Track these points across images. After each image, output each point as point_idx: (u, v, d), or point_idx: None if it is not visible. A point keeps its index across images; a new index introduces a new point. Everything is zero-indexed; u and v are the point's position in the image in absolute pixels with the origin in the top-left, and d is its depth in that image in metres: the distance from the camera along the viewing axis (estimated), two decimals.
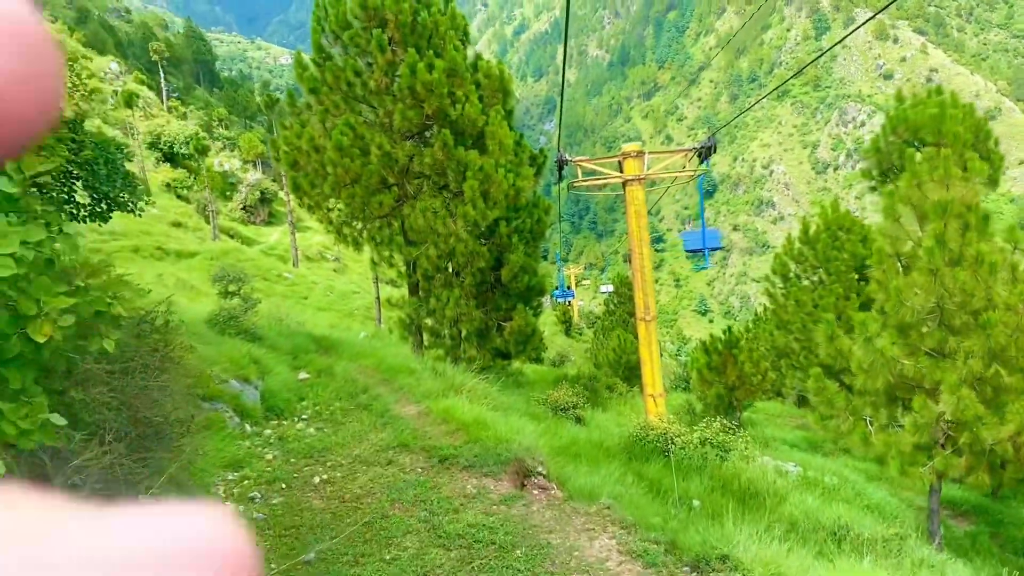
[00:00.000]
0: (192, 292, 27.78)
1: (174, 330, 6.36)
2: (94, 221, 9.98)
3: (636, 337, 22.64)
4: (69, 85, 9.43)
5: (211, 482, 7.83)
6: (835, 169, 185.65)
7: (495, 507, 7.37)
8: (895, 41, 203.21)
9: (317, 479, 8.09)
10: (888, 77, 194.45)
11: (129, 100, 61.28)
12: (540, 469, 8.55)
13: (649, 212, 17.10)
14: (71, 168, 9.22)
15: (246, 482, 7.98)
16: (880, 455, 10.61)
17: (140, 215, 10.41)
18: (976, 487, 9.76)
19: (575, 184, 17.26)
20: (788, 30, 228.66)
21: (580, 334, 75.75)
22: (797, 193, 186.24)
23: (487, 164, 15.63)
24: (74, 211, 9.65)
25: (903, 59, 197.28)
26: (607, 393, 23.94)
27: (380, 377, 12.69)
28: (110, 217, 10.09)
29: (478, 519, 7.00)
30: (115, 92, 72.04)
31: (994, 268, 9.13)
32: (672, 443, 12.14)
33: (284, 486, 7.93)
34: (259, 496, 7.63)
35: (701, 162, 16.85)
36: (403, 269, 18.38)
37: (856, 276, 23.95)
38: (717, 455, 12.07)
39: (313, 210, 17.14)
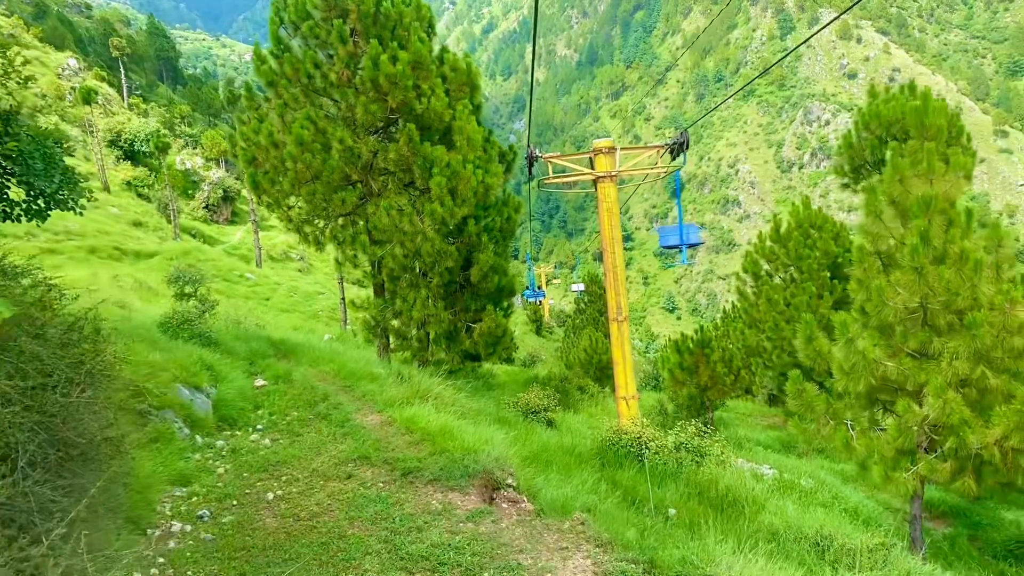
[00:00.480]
0: (150, 293, 26.87)
1: (105, 338, 5.78)
2: (30, 220, 9.30)
3: (607, 336, 22.25)
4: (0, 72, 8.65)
5: (156, 499, 7.24)
6: (800, 168, 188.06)
7: (462, 524, 6.88)
8: (859, 41, 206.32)
9: (271, 495, 7.53)
10: (852, 77, 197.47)
11: (87, 97, 59.66)
12: (510, 481, 8.07)
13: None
14: (2, 162, 8.55)
15: (194, 499, 7.41)
16: (862, 460, 10.30)
17: (81, 213, 9.73)
18: (963, 493, 9.47)
19: (546, 181, 16.79)
20: (753, 30, 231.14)
21: (551, 333, 75.71)
22: (763, 192, 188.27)
23: (455, 160, 15.12)
24: (7, 209, 8.98)
25: (866, 59, 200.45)
26: (578, 394, 23.56)
27: (341, 383, 12.10)
28: (48, 215, 9.41)
29: (443, 538, 6.51)
30: (73, 88, 70.33)
31: (979, 266, 8.83)
32: (646, 448, 11.76)
33: (235, 503, 7.37)
34: (208, 514, 7.07)
35: (673, 158, 16.48)
36: (368, 269, 17.80)
37: (828, 274, 23.82)
38: (692, 460, 11.70)
39: (272, 208, 16.49)
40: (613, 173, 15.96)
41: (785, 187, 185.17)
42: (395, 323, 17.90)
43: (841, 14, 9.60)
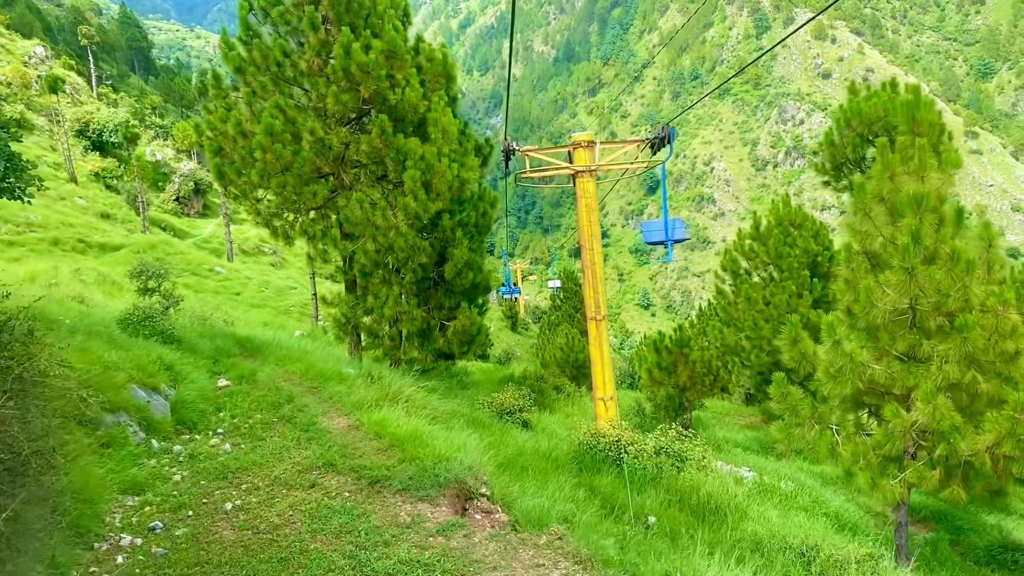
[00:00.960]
0: (113, 288, 26.07)
1: (39, 340, 5.27)
2: None
3: (583, 334, 21.88)
4: None
5: (105, 510, 6.74)
6: (774, 166, 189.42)
7: (431, 539, 6.46)
8: (833, 41, 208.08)
9: (229, 505, 7.07)
10: (826, 76, 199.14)
11: (54, 85, 58.23)
12: (483, 490, 7.66)
13: None
14: None
15: (147, 509, 6.93)
16: (848, 466, 10.00)
17: (29, 202, 9.16)
18: (951, 500, 9.21)
19: (523, 175, 16.35)
20: (730, 28, 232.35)
21: (526, 329, 75.42)
22: (737, 189, 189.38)
23: (429, 153, 14.65)
24: None
25: (841, 59, 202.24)
26: (554, 394, 23.17)
27: (309, 384, 11.60)
28: None
29: (412, 554, 6.09)
30: (39, 77, 68.70)
31: (971, 266, 8.56)
32: (625, 452, 11.40)
33: (191, 513, 6.90)
34: (161, 526, 6.60)
35: (654, 153, 16.13)
36: (339, 265, 17.29)
37: (808, 273, 23.62)
38: (673, 465, 11.36)
39: (240, 200, 15.91)
40: (593, 168, 15.58)
41: (760, 185, 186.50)
42: (367, 320, 17.40)
43: (817, 14, 9.33)
